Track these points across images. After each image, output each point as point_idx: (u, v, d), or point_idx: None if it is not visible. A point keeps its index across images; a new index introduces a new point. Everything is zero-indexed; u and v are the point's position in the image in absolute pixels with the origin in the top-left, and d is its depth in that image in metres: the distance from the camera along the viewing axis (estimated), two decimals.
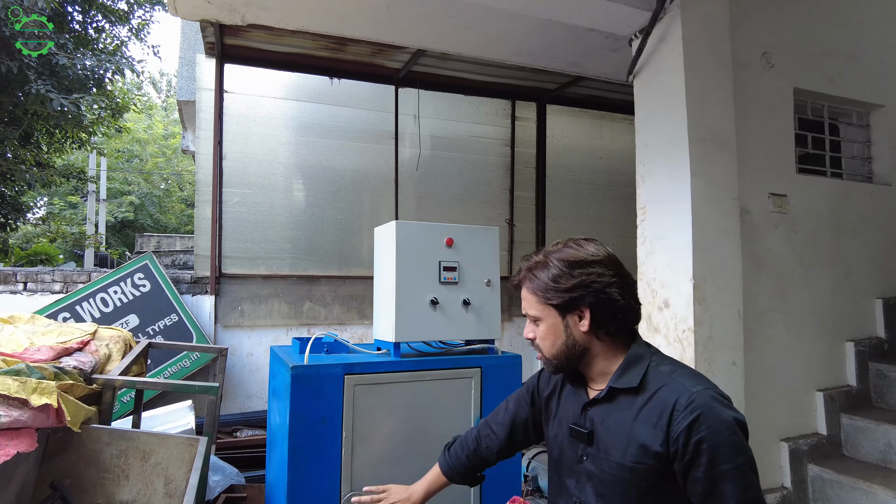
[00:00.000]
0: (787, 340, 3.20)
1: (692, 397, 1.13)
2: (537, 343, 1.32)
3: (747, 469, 1.12)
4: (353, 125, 5.42)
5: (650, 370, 1.23)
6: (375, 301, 2.31)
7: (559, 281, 1.25)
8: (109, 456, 2.46)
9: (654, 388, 1.20)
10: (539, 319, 1.30)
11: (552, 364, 1.31)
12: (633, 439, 1.19)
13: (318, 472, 1.86)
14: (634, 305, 1.28)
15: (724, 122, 2.97)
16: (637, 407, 1.20)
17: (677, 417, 1.13)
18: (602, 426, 1.25)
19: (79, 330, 3.10)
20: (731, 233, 2.94)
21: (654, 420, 1.17)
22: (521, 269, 1.34)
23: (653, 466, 1.16)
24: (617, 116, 6.48)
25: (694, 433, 1.11)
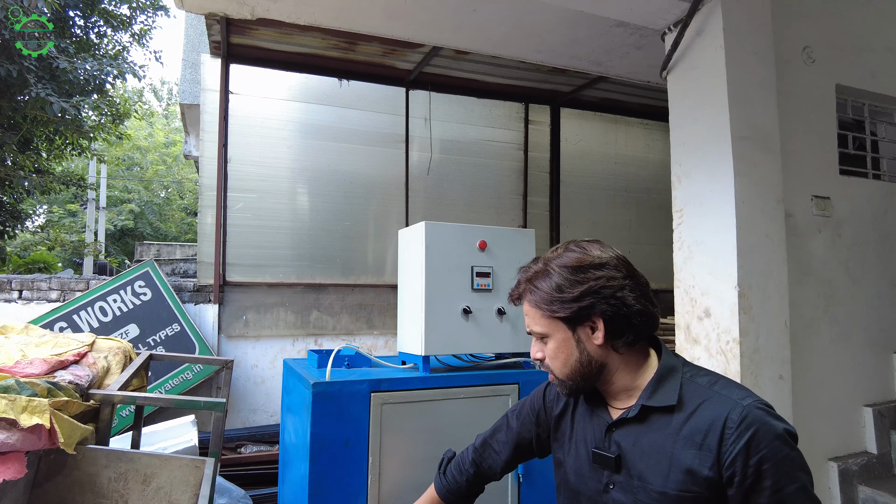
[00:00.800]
0: (834, 352, 3.00)
1: (744, 412, 1.00)
2: (547, 364, 1.18)
3: (809, 486, 1.01)
4: (363, 128, 5.24)
5: (685, 384, 1.09)
6: (400, 310, 2.11)
7: (564, 290, 1.11)
8: (107, 479, 2.24)
9: (695, 405, 1.06)
10: (547, 336, 1.15)
11: (567, 386, 1.17)
12: (676, 464, 1.04)
13: (342, 501, 1.65)
14: (652, 309, 1.13)
15: (768, 120, 2.78)
16: (676, 426, 1.06)
17: (730, 436, 1.00)
18: (634, 450, 1.10)
19: (75, 341, 2.89)
20: (777, 237, 2.74)
21: (699, 440, 1.02)
22: (520, 280, 1.20)
23: (701, 494, 1.02)
24: (632, 121, 6.31)
25: (753, 453, 0.98)
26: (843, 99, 3.33)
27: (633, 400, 1.14)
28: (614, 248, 1.21)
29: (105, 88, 9.18)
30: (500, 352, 2.04)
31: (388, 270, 5.26)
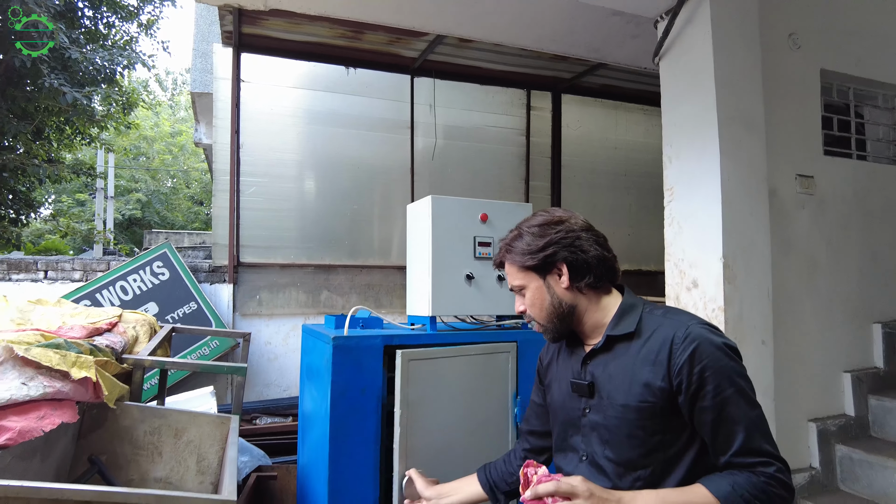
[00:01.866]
0: (815, 323, 3.19)
1: (688, 330, 1.19)
2: (528, 313, 1.37)
3: (748, 390, 1.18)
4: (369, 115, 5.42)
5: (644, 316, 1.28)
6: (409, 278, 2.31)
7: (531, 244, 1.32)
8: (143, 433, 2.47)
9: (650, 331, 1.25)
10: (523, 287, 1.35)
11: (549, 330, 1.36)
12: (636, 379, 1.22)
13: (358, 442, 1.86)
14: (607, 255, 1.33)
15: (753, 103, 2.95)
16: (635, 350, 1.25)
17: (676, 351, 1.18)
18: (603, 375, 1.29)
19: (106, 313, 3.11)
20: (760, 213, 2.92)
21: (653, 358, 1.21)
22: (500, 247, 1.40)
23: (656, 403, 1.19)
24: (632, 106, 6.47)
25: (696, 363, 1.15)
26: (828, 83, 3.50)
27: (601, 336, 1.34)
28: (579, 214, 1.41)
29: (115, 78, 9.36)
30: (500, 314, 2.23)
31: (394, 252, 5.46)
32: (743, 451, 1.15)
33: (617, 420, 1.24)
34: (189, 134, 24.54)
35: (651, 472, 1.22)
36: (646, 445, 1.22)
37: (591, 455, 1.31)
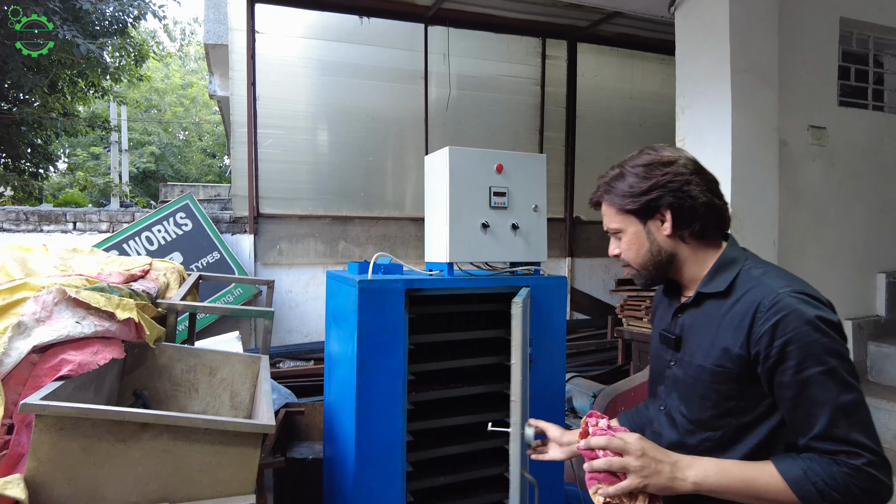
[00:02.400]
0: (820, 272, 3.27)
1: (777, 298, 1.08)
2: (623, 257, 1.29)
3: (841, 371, 1.04)
4: (383, 65, 5.42)
5: (741, 274, 1.18)
6: (427, 226, 2.42)
7: (634, 186, 1.22)
8: (180, 371, 2.66)
9: (742, 292, 1.15)
10: (621, 231, 1.27)
11: (642, 276, 1.29)
12: (717, 342, 1.16)
13: (383, 377, 2.02)
14: (718, 203, 1.22)
15: (768, 54, 2.96)
16: (724, 311, 1.16)
17: (760, 319, 1.08)
18: (689, 331, 1.24)
19: (137, 261, 3.28)
20: (770, 165, 2.98)
21: (737, 322, 1.12)
22: (599, 185, 1.31)
23: (732, 370, 1.13)
24: (648, 56, 6.37)
25: (778, 335, 1.05)
26: (847, 32, 3.46)
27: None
28: (687, 151, 1.28)
29: (127, 29, 9.31)
30: (514, 260, 2.35)
31: (408, 204, 5.56)
32: (824, 437, 1.04)
33: (693, 379, 1.20)
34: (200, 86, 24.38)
35: (721, 434, 1.17)
36: (718, 408, 1.16)
37: (668, 407, 1.29)
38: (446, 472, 2.31)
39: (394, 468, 2.09)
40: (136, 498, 1.58)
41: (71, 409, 1.51)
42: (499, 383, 2.38)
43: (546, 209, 2.38)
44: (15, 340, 1.72)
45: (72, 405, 1.51)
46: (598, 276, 6.32)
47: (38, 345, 1.75)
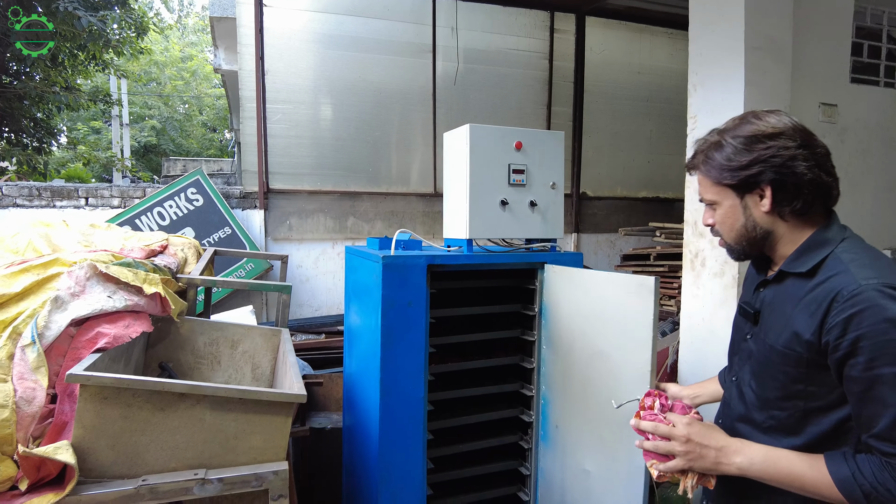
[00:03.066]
0: None
1: (859, 290, 1.02)
2: (717, 229, 1.26)
3: None
4: (391, 38, 5.39)
5: (831, 257, 1.12)
6: (445, 203, 2.46)
7: (733, 160, 1.16)
8: (203, 344, 2.73)
9: (826, 276, 1.10)
10: (716, 203, 1.23)
11: (734, 250, 1.25)
12: (790, 324, 1.13)
13: (406, 348, 2.09)
14: (826, 179, 1.16)
15: (782, 29, 2.96)
16: (803, 292, 1.13)
17: (835, 308, 1.04)
18: (769, 308, 1.22)
19: (154, 237, 3.33)
20: None
21: (813, 308, 1.09)
22: (696, 152, 1.27)
23: (801, 355, 1.11)
24: (657, 30, 6.32)
25: (851, 329, 1.02)
26: (862, 7, 3.44)
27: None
28: (793, 117, 1.20)
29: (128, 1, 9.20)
30: (531, 237, 2.40)
31: (416, 179, 5.58)
32: (883, 437, 1.01)
33: (764, 357, 1.19)
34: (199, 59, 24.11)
35: (788, 416, 1.16)
36: (785, 390, 1.15)
37: (739, 379, 1.29)
38: (464, 440, 2.40)
39: (416, 436, 2.17)
40: (174, 464, 1.66)
41: (113, 380, 1.57)
42: (516, 355, 2.45)
43: (563, 187, 2.42)
44: (54, 314, 1.78)
45: (114, 375, 1.57)
46: (603, 251, 6.37)
47: (76, 318, 1.82)
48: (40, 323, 1.73)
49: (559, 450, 2.20)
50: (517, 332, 2.45)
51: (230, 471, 1.67)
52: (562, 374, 2.17)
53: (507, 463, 2.47)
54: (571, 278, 2.16)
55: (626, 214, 6.38)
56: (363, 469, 2.36)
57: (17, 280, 1.90)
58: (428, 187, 5.61)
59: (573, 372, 2.08)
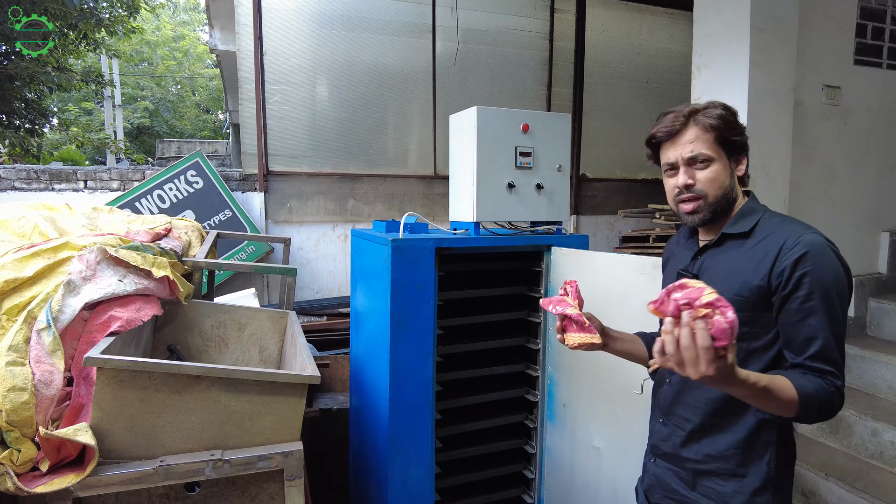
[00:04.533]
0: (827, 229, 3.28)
1: (801, 237, 1.21)
2: (699, 188, 1.32)
3: (840, 312, 1.18)
4: (391, 18, 5.33)
5: (762, 220, 1.32)
6: (452, 186, 2.46)
7: (736, 123, 1.31)
8: (210, 327, 2.75)
9: (764, 235, 1.29)
10: (711, 160, 1.31)
11: (708, 211, 1.33)
12: (736, 275, 1.28)
13: (415, 330, 2.11)
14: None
15: (788, 11, 2.95)
16: (745, 249, 1.30)
17: (785, 253, 1.21)
18: (709, 267, 1.36)
19: (157, 220, 3.32)
20: (784, 124, 3.01)
21: (759, 257, 1.25)
22: (689, 110, 1.34)
23: (749, 299, 1.25)
24: (657, 10, 6.27)
25: (799, 267, 1.19)
26: None
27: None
28: None
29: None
30: (536, 220, 2.41)
31: (415, 161, 5.57)
32: (819, 357, 1.17)
33: None
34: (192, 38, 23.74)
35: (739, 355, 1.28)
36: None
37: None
38: (471, 420, 2.44)
39: (424, 415, 2.20)
40: (191, 444, 1.68)
41: (130, 363, 1.59)
42: (522, 337, 2.48)
43: (569, 170, 2.43)
44: (67, 298, 1.79)
45: (131, 359, 1.59)
46: (602, 233, 6.40)
47: (89, 302, 1.83)
48: (54, 307, 1.74)
49: (567, 428, 2.24)
50: (523, 313, 2.47)
51: (246, 451, 1.70)
52: (571, 354, 2.20)
53: (513, 441, 2.52)
54: (579, 260, 2.18)
55: (625, 196, 6.39)
56: (372, 448, 2.40)
57: (28, 264, 1.91)
58: (428, 169, 5.60)
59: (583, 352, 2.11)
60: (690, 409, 1.37)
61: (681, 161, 1.34)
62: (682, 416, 1.39)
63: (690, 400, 1.37)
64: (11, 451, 1.51)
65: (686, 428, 1.38)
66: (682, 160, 1.34)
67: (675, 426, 1.41)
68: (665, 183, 1.43)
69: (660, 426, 1.47)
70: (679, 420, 1.40)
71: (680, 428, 1.40)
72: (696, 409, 1.36)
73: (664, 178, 1.44)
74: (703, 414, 1.35)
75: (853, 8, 3.33)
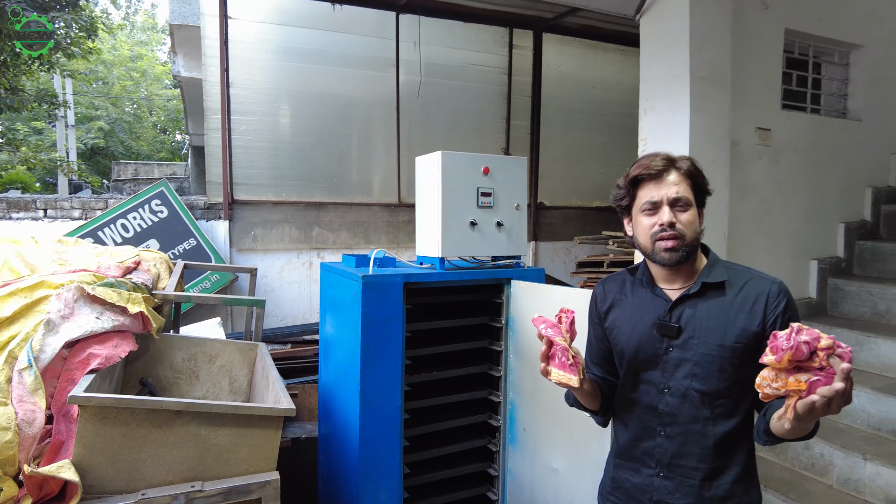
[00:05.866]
0: (763, 259, 3.64)
1: (780, 287, 1.40)
2: (680, 228, 1.40)
3: None
4: (356, 52, 5.50)
5: (728, 269, 1.46)
6: (418, 223, 2.61)
7: (703, 174, 1.47)
8: (181, 359, 2.80)
9: (742, 283, 1.42)
10: (690, 204, 1.41)
11: (685, 251, 1.41)
12: (732, 324, 1.38)
13: (385, 361, 2.23)
14: None
15: (722, 61, 3.25)
16: (730, 298, 1.41)
17: (772, 303, 1.37)
18: (695, 318, 1.42)
19: (126, 251, 3.35)
20: (722, 162, 3.29)
21: (749, 306, 1.39)
22: (679, 158, 1.47)
23: (748, 345, 1.36)
24: (609, 46, 6.65)
25: (787, 312, 1.37)
26: (791, 41, 3.80)
27: (688, 283, 1.45)
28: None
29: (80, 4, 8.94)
30: (497, 255, 2.58)
31: (379, 190, 5.72)
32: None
33: (710, 357, 1.39)
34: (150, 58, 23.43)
35: (730, 401, 1.40)
36: (732, 378, 1.38)
37: (673, 388, 1.44)
38: (437, 446, 2.56)
39: (393, 443, 2.32)
40: (171, 477, 1.76)
41: (113, 400, 1.66)
42: (485, 364, 2.63)
43: (526, 208, 2.62)
44: (47, 337, 1.85)
45: (114, 396, 1.66)
46: (559, 258, 6.65)
47: (69, 340, 1.88)
48: (35, 346, 1.80)
49: (528, 451, 2.39)
50: (485, 342, 2.63)
51: (225, 482, 1.78)
52: (531, 380, 2.36)
53: (477, 465, 2.65)
54: (536, 292, 2.36)
55: (580, 223, 6.68)
56: (343, 475, 2.49)
57: (6, 304, 1.96)
58: (392, 198, 5.74)
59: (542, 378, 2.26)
60: (696, 458, 1.42)
61: (665, 200, 1.40)
62: (688, 467, 1.43)
63: (696, 449, 1.42)
64: None
65: (697, 477, 1.42)
66: (668, 199, 1.40)
67: (684, 477, 1.44)
68: (639, 221, 1.46)
69: (659, 481, 1.47)
70: (686, 470, 1.43)
71: (689, 478, 1.43)
72: (702, 457, 1.42)
73: (639, 216, 1.46)
74: (710, 459, 1.41)
75: (779, 58, 3.67)
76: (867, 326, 3.60)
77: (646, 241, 1.44)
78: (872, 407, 3.07)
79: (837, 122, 4.02)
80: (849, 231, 4.08)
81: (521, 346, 2.42)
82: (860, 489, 2.80)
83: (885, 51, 4.12)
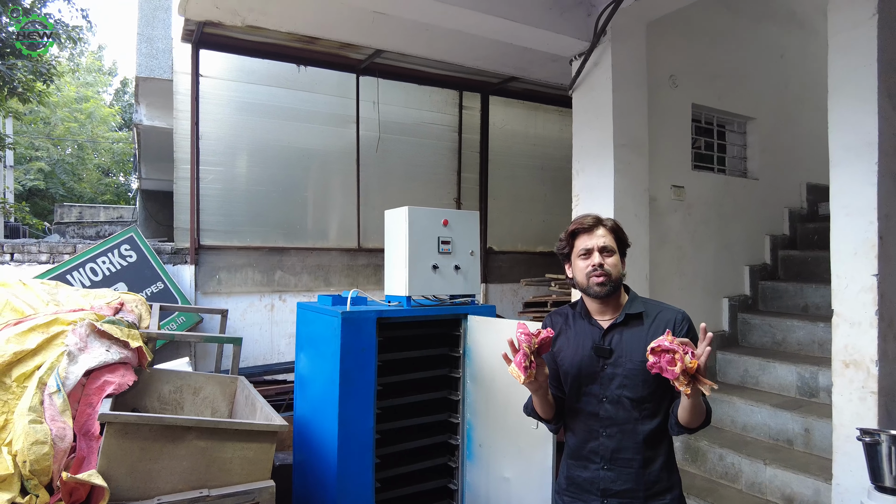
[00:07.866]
0: (681, 297, 4.22)
1: (683, 315, 1.80)
2: (607, 269, 1.78)
3: None
4: (319, 109, 5.95)
5: (644, 302, 1.86)
6: (387, 266, 3.02)
7: (623, 231, 1.88)
8: (168, 391, 3.05)
9: (655, 312, 1.81)
10: (614, 252, 1.81)
11: (611, 285, 1.78)
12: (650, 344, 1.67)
13: (359, 388, 2.58)
14: None
15: (640, 131, 3.87)
16: (647, 325, 1.79)
17: (678, 326, 1.77)
18: (622, 341, 1.79)
19: (107, 294, 3.59)
20: (642, 216, 3.88)
21: (661, 331, 1.69)
22: (608, 220, 1.87)
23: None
24: (549, 108, 7.38)
25: (688, 335, 1.74)
26: (698, 113, 4.52)
27: (615, 315, 1.81)
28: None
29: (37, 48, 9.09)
30: (455, 293, 3.01)
31: (339, 235, 6.09)
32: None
33: (635, 371, 1.73)
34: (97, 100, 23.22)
35: (654, 404, 1.75)
36: (653, 386, 1.72)
37: (609, 397, 1.78)
38: (404, 463, 2.90)
39: (367, 460, 2.65)
40: (181, 485, 2.04)
41: (135, 417, 1.96)
42: (445, 390, 3.02)
43: (479, 254, 3.08)
44: (70, 366, 2.13)
45: (135, 414, 1.95)
46: (507, 298, 7.14)
47: (88, 369, 2.16)
48: (62, 374, 2.07)
49: (483, 464, 2.77)
50: (446, 370, 3.02)
51: (228, 488, 2.08)
52: (484, 402, 2.76)
53: (439, 481, 3.00)
54: (489, 326, 2.79)
55: (526, 266, 7.22)
56: (321, 492, 2.79)
57: (28, 338, 2.22)
58: (352, 242, 6.12)
59: (495, 399, 2.68)
60: (631, 451, 1.77)
61: (596, 248, 1.80)
62: (626, 458, 1.77)
63: (630, 444, 1.77)
64: (31, 496, 1.82)
65: (634, 466, 1.76)
66: (598, 247, 1.80)
67: (623, 468, 1.77)
68: (577, 264, 1.84)
69: (604, 472, 1.80)
70: (624, 462, 1.77)
71: (628, 468, 1.77)
72: (636, 450, 1.76)
73: (576, 260, 1.84)
74: (642, 451, 1.76)
75: (688, 127, 4.37)
76: (768, 354, 4.22)
77: (582, 279, 1.82)
78: (772, 420, 3.62)
79: (739, 181, 4.74)
80: (753, 273, 4.75)
81: (477, 373, 2.83)
82: (763, 490, 3.31)
83: (773, 122, 4.92)
